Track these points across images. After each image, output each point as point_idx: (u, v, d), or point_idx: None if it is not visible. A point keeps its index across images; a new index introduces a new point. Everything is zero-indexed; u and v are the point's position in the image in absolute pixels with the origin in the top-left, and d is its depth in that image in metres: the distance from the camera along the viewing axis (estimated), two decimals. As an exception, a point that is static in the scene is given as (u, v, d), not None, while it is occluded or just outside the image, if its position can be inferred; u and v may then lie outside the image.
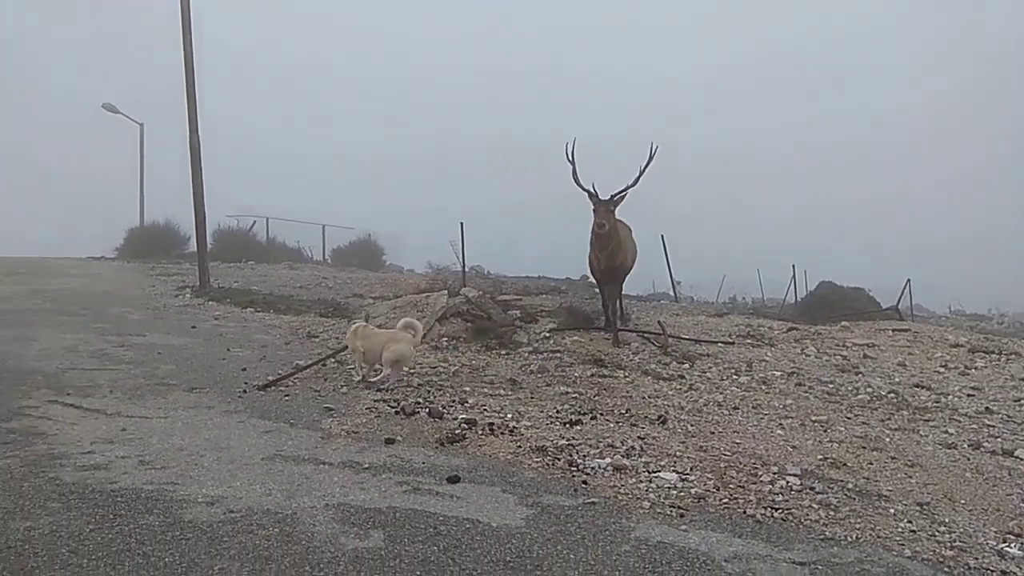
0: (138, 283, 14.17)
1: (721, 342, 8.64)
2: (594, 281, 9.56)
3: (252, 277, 15.83)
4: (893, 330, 9.53)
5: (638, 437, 4.84)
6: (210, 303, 11.04)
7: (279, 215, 27.48)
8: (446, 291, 9.08)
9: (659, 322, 9.40)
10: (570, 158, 8.39)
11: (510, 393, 6.05)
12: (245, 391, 5.71)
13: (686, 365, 7.40)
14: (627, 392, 6.23)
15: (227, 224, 25.49)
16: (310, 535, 3.10)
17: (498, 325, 8.44)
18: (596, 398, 6.00)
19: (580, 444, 4.61)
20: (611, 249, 8.50)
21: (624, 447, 4.57)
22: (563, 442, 4.64)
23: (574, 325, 8.96)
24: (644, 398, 6.07)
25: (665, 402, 5.97)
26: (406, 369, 6.27)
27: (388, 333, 6.31)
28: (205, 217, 12.21)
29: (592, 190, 8.20)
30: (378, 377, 6.13)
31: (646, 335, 8.67)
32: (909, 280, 17.97)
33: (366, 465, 4.09)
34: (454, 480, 3.89)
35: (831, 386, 6.88)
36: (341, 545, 3.01)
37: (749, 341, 8.77)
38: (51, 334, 7.74)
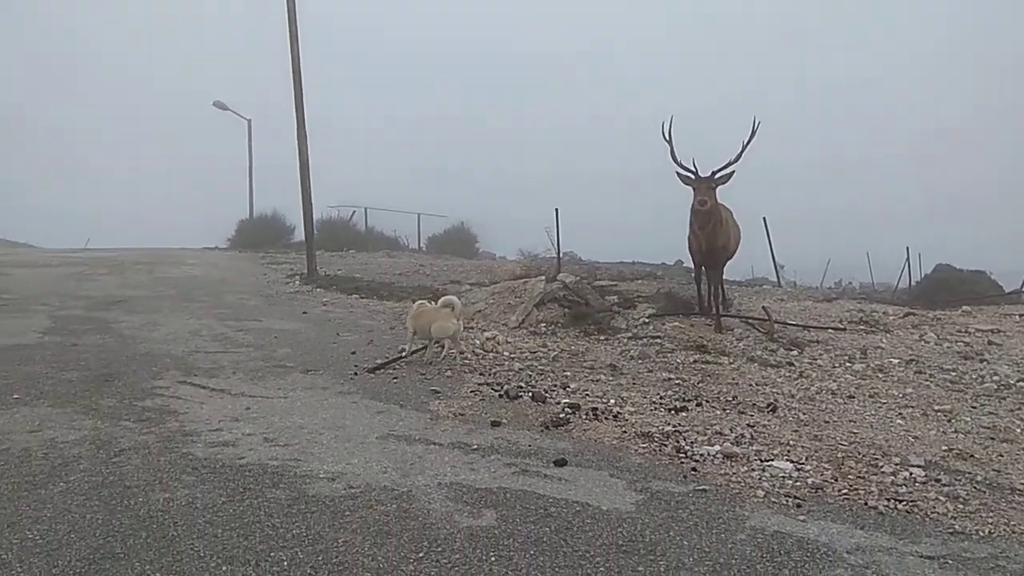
0: (251, 271, 15.06)
1: (831, 328, 8.24)
2: (692, 265, 9.31)
3: (354, 265, 16.51)
4: (1021, 315, 8.78)
5: (748, 425, 4.70)
6: (318, 290, 11.59)
7: (377, 204, 28.33)
8: (543, 277, 9.12)
9: (764, 307, 9.07)
10: (667, 137, 8.20)
11: (611, 378, 6.02)
12: (356, 374, 5.96)
13: (795, 352, 7.10)
14: (733, 379, 6.06)
15: (328, 214, 26.66)
16: (426, 512, 3.21)
17: (595, 311, 8.40)
18: (700, 385, 5.87)
19: (687, 431, 4.54)
20: (711, 229, 8.27)
21: (733, 435, 4.46)
22: (669, 428, 4.58)
23: (673, 311, 8.79)
24: (751, 385, 5.89)
25: (774, 390, 5.77)
26: (450, 343, 6.56)
27: (433, 311, 6.60)
28: (312, 211, 12.79)
29: (692, 168, 8.00)
30: (427, 352, 6.55)
31: (750, 321, 8.39)
32: (1039, 260, 16.48)
33: (475, 446, 4.19)
34: (561, 463, 3.92)
35: (954, 374, 6.42)
36: (456, 523, 3.10)
37: (862, 327, 8.32)
38: (176, 319, 8.36)
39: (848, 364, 6.68)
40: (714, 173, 8.04)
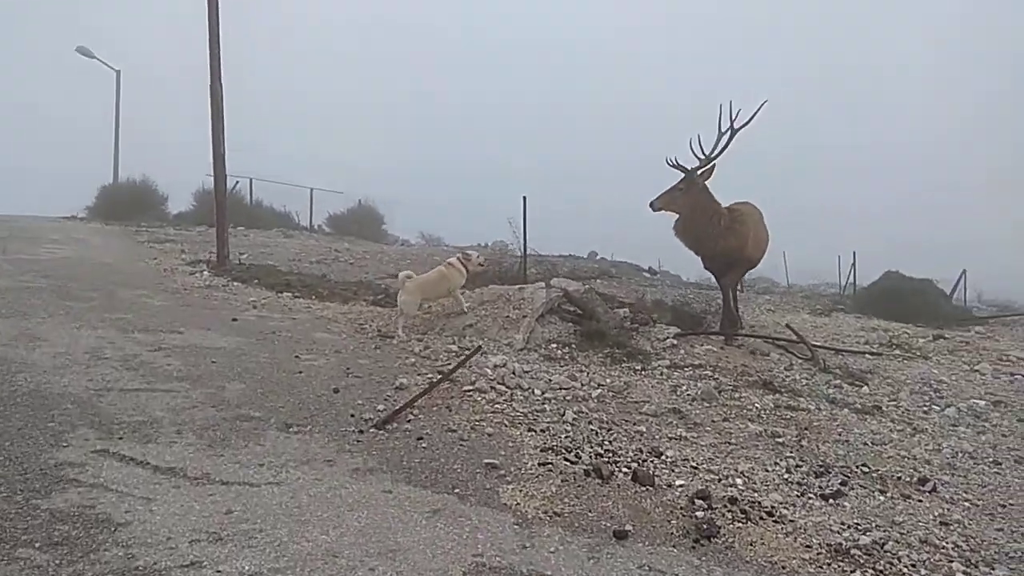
0: (135, 253, 12.37)
1: (868, 353, 7.33)
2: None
3: (254, 248, 14.04)
4: None
5: (940, 523, 3.49)
6: (235, 284, 9.37)
7: (262, 175, 25.08)
8: (541, 284, 7.56)
9: (788, 326, 8.03)
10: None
11: (693, 434, 4.64)
12: (361, 431, 4.20)
13: (864, 388, 6.05)
14: (838, 433, 4.87)
15: (209, 185, 23.17)
16: None
17: (610, 328, 7.00)
18: (806, 444, 4.63)
19: (884, 539, 3.24)
20: (696, 233, 7.47)
21: (943, 543, 3.23)
22: (856, 534, 3.27)
23: (693, 329, 7.57)
24: (866, 445, 4.72)
25: (899, 451, 4.62)
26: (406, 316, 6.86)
27: (439, 272, 7.19)
28: (226, 177, 10.44)
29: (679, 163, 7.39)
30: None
31: (778, 343, 7.32)
32: (965, 271, 16.86)
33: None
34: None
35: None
36: None
37: (896, 352, 7.47)
38: (61, 329, 6.08)
39: (934, 407, 5.69)
40: (695, 169, 7.37)
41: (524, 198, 11.10)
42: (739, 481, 3.85)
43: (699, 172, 7.39)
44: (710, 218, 7.38)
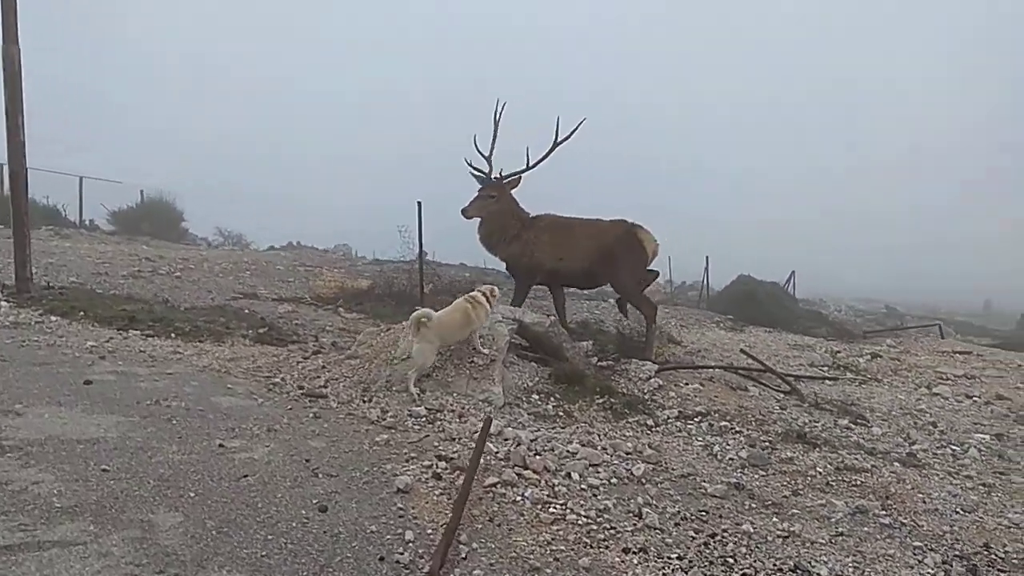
0: None
1: (827, 378, 7.06)
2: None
3: (36, 257, 10.85)
4: (960, 352, 8.72)
5: None
6: (53, 318, 6.90)
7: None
8: (499, 316, 6.26)
9: (743, 350, 7.55)
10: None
11: (783, 520, 3.76)
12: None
13: (874, 428, 5.63)
14: (921, 500, 4.27)
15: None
16: None
17: (583, 368, 5.96)
18: (905, 520, 3.97)
19: None
20: (495, 241, 7.56)
21: None
22: None
23: (675, 364, 6.82)
24: (955, 512, 4.16)
25: (991, 516, 4.12)
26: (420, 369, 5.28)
27: (459, 309, 5.57)
28: (27, 172, 7.70)
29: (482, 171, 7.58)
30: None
31: (747, 373, 6.79)
32: (794, 272, 18.23)
33: None
34: None
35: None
36: None
37: (850, 375, 7.30)
38: None
39: (947, 447, 5.40)
40: (503, 177, 7.56)
41: (419, 203, 9.61)
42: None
43: (506, 181, 7.60)
44: (503, 226, 7.55)
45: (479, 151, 7.63)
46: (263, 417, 4.61)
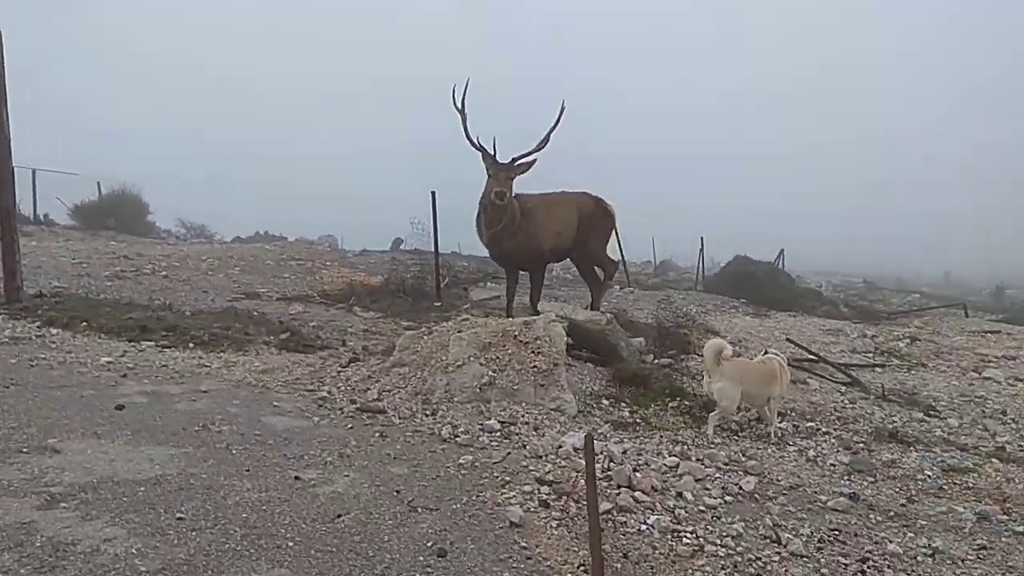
0: None
1: (875, 365, 6.88)
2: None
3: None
4: (983, 332, 8.65)
5: None
6: (54, 331, 6.29)
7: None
8: (551, 313, 5.86)
9: (789, 339, 7.31)
10: (459, 106, 6.65)
11: (931, 543, 3.52)
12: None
13: (950, 420, 5.43)
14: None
15: None
16: None
17: (644, 367, 5.65)
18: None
19: None
20: (504, 228, 6.85)
21: None
22: None
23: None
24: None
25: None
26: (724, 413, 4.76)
27: (763, 366, 4.89)
28: (13, 171, 6.99)
29: (490, 150, 6.56)
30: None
31: (799, 364, 6.56)
32: (783, 250, 18.19)
33: None
34: None
35: None
36: None
37: (895, 361, 7.14)
38: None
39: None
40: (514, 161, 6.70)
41: (433, 193, 9.11)
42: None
43: (522, 162, 6.85)
44: (513, 216, 6.90)
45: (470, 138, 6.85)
46: (327, 440, 4.18)
